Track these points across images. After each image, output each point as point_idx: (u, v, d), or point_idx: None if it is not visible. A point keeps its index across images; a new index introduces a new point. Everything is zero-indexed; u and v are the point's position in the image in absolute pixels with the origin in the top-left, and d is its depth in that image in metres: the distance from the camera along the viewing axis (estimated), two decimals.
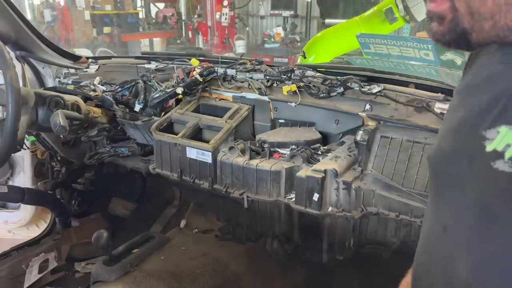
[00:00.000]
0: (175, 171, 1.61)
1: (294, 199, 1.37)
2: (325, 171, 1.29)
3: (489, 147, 0.46)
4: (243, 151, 1.46)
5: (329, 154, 1.40)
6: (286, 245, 1.58)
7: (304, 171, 1.33)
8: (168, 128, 1.67)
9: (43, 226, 2.19)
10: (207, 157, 1.49)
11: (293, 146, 1.44)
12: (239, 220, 1.59)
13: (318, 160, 1.38)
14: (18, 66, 1.81)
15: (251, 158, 1.43)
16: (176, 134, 1.58)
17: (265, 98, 1.59)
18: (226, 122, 1.56)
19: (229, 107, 1.63)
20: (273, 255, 1.64)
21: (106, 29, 8.00)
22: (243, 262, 1.73)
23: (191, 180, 1.57)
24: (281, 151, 1.46)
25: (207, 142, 1.51)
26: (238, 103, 1.65)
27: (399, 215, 1.24)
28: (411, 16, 3.34)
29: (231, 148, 1.47)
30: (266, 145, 1.48)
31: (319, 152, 1.44)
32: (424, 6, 3.31)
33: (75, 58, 2.13)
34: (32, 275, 1.82)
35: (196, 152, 1.52)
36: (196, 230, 2.03)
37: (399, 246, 1.32)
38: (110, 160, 1.94)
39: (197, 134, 1.60)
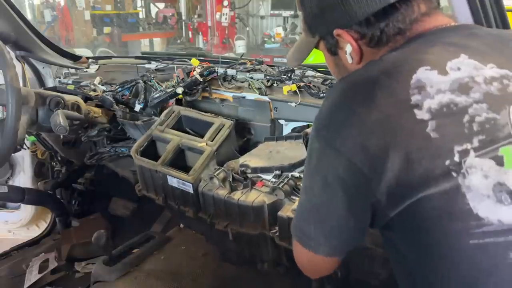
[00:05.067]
0: (159, 195, 1.58)
1: (278, 234, 1.29)
2: None
3: None
4: (224, 181, 1.36)
5: None
6: (276, 268, 1.51)
7: (286, 210, 1.24)
8: (151, 147, 1.62)
9: (43, 226, 2.19)
10: (188, 187, 1.44)
11: (277, 172, 1.35)
12: (227, 245, 1.54)
13: None
14: (18, 66, 1.82)
15: (232, 189, 1.35)
16: (159, 154, 1.54)
17: (265, 98, 1.58)
18: (206, 144, 1.50)
19: (211, 123, 1.58)
20: (265, 276, 1.59)
21: (106, 29, 7.99)
22: None
23: (176, 206, 1.53)
24: (264, 176, 1.37)
25: (190, 166, 1.46)
26: (219, 118, 1.60)
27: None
28: None
29: (211, 178, 1.39)
30: (249, 171, 1.39)
31: None
32: None
33: (75, 58, 2.13)
34: (32, 275, 1.82)
35: (177, 182, 1.47)
36: None
37: (387, 278, 1.27)
38: (110, 165, 1.93)
39: (178, 156, 1.55)
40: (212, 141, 1.52)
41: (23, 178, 2.07)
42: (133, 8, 8.84)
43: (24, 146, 1.50)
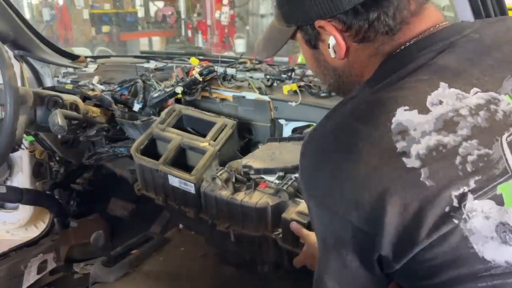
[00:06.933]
0: (159, 195, 1.57)
1: (281, 236, 1.28)
2: None
3: None
4: (227, 181, 1.36)
5: None
6: (276, 270, 1.49)
7: (291, 212, 1.22)
8: (151, 146, 1.61)
9: (41, 226, 2.18)
10: (190, 188, 1.43)
11: (280, 173, 1.33)
12: (227, 246, 1.52)
13: None
14: (16, 65, 1.80)
15: (235, 190, 1.34)
16: (159, 153, 1.52)
17: (266, 97, 1.57)
18: (209, 144, 1.48)
19: (213, 122, 1.57)
20: (265, 279, 1.59)
21: (105, 28, 7.97)
22: None
23: (177, 206, 1.52)
24: (267, 178, 1.36)
25: (191, 166, 1.44)
26: (222, 118, 1.59)
27: None
28: None
29: (214, 179, 1.37)
30: (252, 172, 1.38)
31: None
32: None
33: (74, 57, 2.12)
34: (31, 276, 1.81)
35: (178, 181, 1.45)
36: None
37: None
38: (109, 165, 1.92)
39: (180, 155, 1.53)
40: (214, 141, 1.50)
41: (21, 178, 2.06)
42: (132, 7, 8.82)
43: (22, 146, 1.49)
